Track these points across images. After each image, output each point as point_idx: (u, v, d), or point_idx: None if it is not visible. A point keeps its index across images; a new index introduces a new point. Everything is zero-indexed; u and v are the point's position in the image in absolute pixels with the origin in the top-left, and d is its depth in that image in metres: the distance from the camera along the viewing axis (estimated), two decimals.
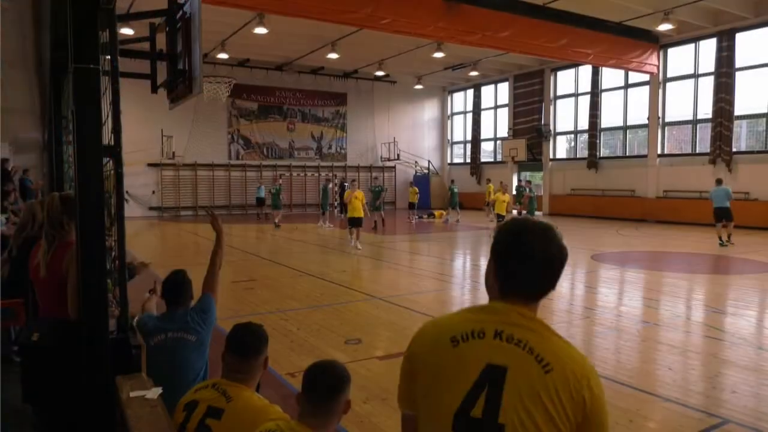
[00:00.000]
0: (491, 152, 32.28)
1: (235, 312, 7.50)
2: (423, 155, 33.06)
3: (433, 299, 8.38)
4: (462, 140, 33.96)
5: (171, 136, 24.94)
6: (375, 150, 32.01)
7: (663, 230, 19.12)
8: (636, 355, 5.77)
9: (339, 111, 30.90)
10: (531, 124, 27.94)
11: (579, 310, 7.78)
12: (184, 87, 4.21)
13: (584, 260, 12.39)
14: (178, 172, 26.54)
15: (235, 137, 28.14)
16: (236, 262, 12.43)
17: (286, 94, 29.18)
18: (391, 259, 12.65)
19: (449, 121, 34.31)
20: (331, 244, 15.76)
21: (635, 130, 24.59)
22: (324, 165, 30.39)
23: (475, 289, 9.23)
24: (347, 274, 10.48)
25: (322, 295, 8.63)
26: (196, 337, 3.22)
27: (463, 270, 11.82)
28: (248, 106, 28.36)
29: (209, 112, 26.62)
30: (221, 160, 27.62)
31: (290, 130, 29.56)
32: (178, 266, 11.53)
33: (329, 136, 30.75)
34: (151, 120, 24.44)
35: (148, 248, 14.78)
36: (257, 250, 14.20)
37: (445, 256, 13.62)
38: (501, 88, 30.47)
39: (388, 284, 9.53)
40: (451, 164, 34.41)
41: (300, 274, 10.58)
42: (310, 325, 6.79)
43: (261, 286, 9.33)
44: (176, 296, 3.40)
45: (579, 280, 10.24)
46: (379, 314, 7.40)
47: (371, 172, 31.73)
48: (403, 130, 32.63)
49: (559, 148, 27.74)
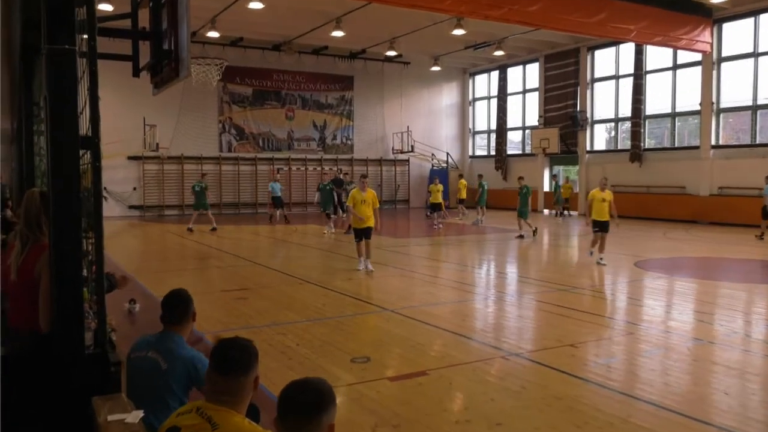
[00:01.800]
0: (519, 143, 32.17)
1: (225, 325, 7.53)
2: (441, 147, 33.05)
3: (452, 312, 8.36)
4: (485, 129, 33.89)
5: (154, 125, 25.13)
6: (385, 141, 32.04)
7: (717, 233, 18.95)
8: (686, 377, 5.73)
9: (344, 96, 30.97)
10: (564, 111, 27.82)
11: (621, 325, 7.73)
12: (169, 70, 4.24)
13: (626, 268, 12.30)
14: (163, 165, 26.74)
15: (227, 126, 28.30)
16: (227, 268, 12.48)
17: (284, 78, 29.30)
18: (404, 265, 12.64)
19: (470, 107, 34.25)
20: (335, 248, 15.78)
21: (685, 118, 24.38)
22: (328, 158, 30.48)
23: (500, 301, 9.20)
24: (354, 283, 10.48)
25: (325, 306, 8.64)
26: (167, 366, 3.24)
27: (486, 279, 11.78)
28: (242, 92, 28.52)
29: (198, 99, 26.79)
30: (211, 153, 27.79)
31: (289, 118, 29.67)
32: (161, 273, 11.55)
33: (333, 124, 30.83)
34: (133, 107, 24.61)
35: (128, 252, 14.90)
36: (251, 255, 14.26)
37: (466, 262, 13.58)
38: (530, 69, 30.38)
39: (400, 294, 9.52)
40: (473, 157, 34.35)
41: (300, 282, 10.60)
42: (311, 340, 6.81)
43: (255, 296, 9.35)
44: (169, 316, 3.44)
45: (620, 291, 10.17)
46: (391, 328, 7.40)
47: (381, 165, 31.76)
48: (418, 119, 32.63)
49: (597, 138, 27.59)
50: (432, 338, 7.02)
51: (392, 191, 31.68)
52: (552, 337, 6.95)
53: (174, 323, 3.42)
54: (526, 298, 9.46)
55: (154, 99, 22.98)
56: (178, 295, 3.51)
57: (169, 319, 3.43)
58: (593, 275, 11.74)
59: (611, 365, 5.98)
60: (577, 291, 9.81)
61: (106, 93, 11.41)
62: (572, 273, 11.99)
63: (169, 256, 14.61)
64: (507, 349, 6.47)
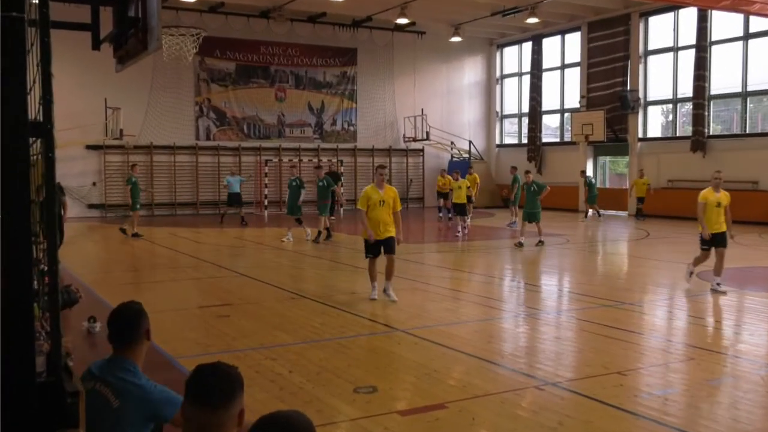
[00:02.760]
0: (556, 129, 32.12)
1: (204, 348, 7.55)
2: (462, 133, 33.06)
3: (475, 332, 8.35)
4: (516, 113, 33.84)
5: (118, 108, 25.28)
6: (396, 127, 32.09)
7: None
8: (759, 411, 5.69)
9: (346, 73, 31.05)
10: (612, 91, 27.74)
11: (680, 348, 7.69)
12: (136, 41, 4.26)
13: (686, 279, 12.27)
14: (128, 156, 26.85)
15: (205, 109, 28.44)
16: (205, 279, 12.51)
17: (274, 51, 29.43)
18: (418, 276, 12.63)
19: (498, 86, 34.24)
20: (336, 256, 15.79)
21: (759, 98, 24.25)
22: (326, 147, 30.57)
23: (533, 319, 9.18)
24: (358, 297, 10.49)
25: (324, 325, 8.65)
26: (119, 404, 3.22)
27: (517, 292, 11.75)
28: (223, 67, 28.66)
29: (170, 76, 26.93)
30: (186, 141, 27.96)
31: (280, 99, 29.79)
32: (127, 285, 11.65)
33: (333, 107, 30.92)
34: (92, 86, 24.74)
35: (87, 260, 14.98)
36: (234, 264, 14.30)
37: (492, 272, 13.54)
38: (570, 40, 30.33)
39: (413, 311, 9.51)
40: (500, 146, 34.32)
41: (292, 296, 10.60)
42: (306, 366, 6.82)
43: (239, 313, 9.37)
44: (118, 336, 3.40)
45: (679, 308, 10.13)
46: (402, 352, 7.40)
47: (390, 156, 31.80)
48: (435, 100, 32.66)
49: (652, 123, 27.49)
50: (451, 364, 7.01)
51: (403, 187, 31.69)
52: (596, 363, 6.92)
53: (123, 346, 3.37)
54: (564, 316, 9.43)
55: (118, 77, 22.94)
56: (125, 310, 3.45)
57: (117, 341, 3.38)
58: (645, 288, 11.68)
59: (668, 397, 5.95)
60: (626, 307, 9.77)
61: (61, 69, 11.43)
62: (620, 285, 11.94)
63: (137, 266, 14.66)
64: (542, 378, 6.45)
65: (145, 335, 3.45)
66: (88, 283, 11.01)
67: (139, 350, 3.43)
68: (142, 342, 3.44)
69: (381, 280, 10.13)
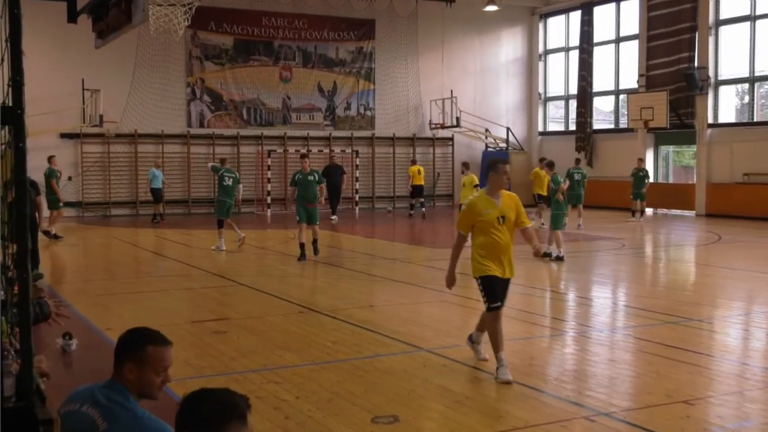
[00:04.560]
0: (610, 113, 31.91)
1: (197, 370, 7.59)
2: (498, 119, 32.97)
3: (514, 353, 8.30)
4: (562, 95, 33.66)
5: (97, 90, 25.53)
6: (420, 111, 32.06)
7: None
8: None
9: (363, 49, 31.08)
10: (676, 68, 27.51)
11: (757, 373, 7.61)
12: (118, 13, 4.31)
13: (767, 293, 12.11)
14: (108, 146, 27.11)
15: (198, 92, 28.61)
16: (199, 289, 12.57)
17: (277, 23, 29.56)
18: (445, 286, 12.60)
19: (541, 63, 34.09)
20: (349, 262, 15.79)
21: None
22: (338, 135, 30.60)
23: (583, 338, 9.13)
24: (375, 311, 10.48)
25: (336, 343, 8.66)
26: (106, 427, 3.26)
27: (564, 306, 11.68)
28: (219, 42, 28.80)
29: (158, 53, 27.11)
30: (176, 129, 28.13)
31: (285, 79, 29.88)
32: (108, 297, 11.76)
33: (347, 88, 30.97)
34: (68, 66, 24.94)
35: (61, 267, 15.11)
36: (233, 272, 14.35)
37: (534, 282, 13.50)
38: (627, 9, 30.13)
39: (440, 328, 9.49)
40: (543, 134, 34.16)
41: (300, 309, 10.60)
42: (316, 391, 6.83)
43: (238, 329, 9.40)
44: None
45: (757, 325, 10.02)
46: (427, 376, 7.39)
47: (414, 146, 31.78)
48: (467, 80, 32.60)
49: (724, 106, 27.22)
50: (485, 390, 6.99)
51: (429, 182, 31.68)
52: (658, 391, 6.88)
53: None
54: (619, 335, 9.37)
55: (98, 54, 23.21)
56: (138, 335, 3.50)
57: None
58: (716, 302, 11.56)
59: (743, 430, 5.89)
60: (693, 324, 9.69)
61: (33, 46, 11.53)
62: (686, 298, 11.83)
63: (119, 274, 14.75)
64: (593, 407, 6.41)
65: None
66: (64, 294, 11.12)
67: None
68: None
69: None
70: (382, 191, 31.09)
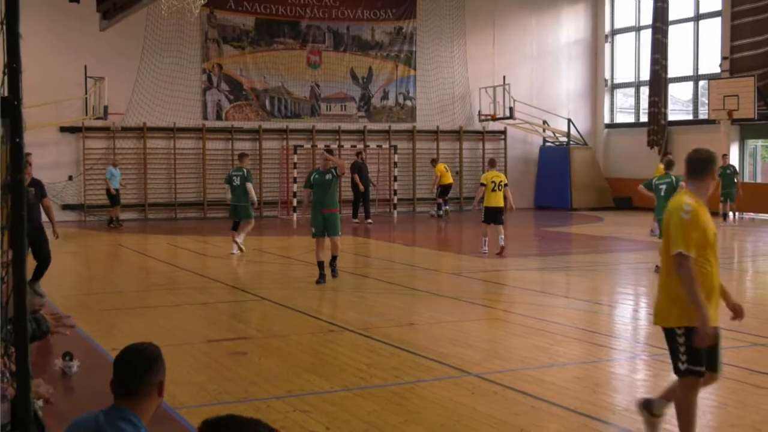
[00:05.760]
0: (687, 103, 31.55)
1: (214, 396, 7.65)
2: (558, 110, 32.83)
3: (577, 379, 8.26)
4: (632, 81, 33.39)
5: (102, 78, 25.80)
6: (468, 101, 32.00)
7: None
8: None
9: (402, 30, 31.08)
10: (765, 50, 27.15)
11: None
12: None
13: None
14: (114, 142, 27.38)
15: (215, 79, 28.83)
16: (215, 304, 12.65)
17: (305, 0, 29.67)
18: (497, 301, 12.57)
19: (608, 45, 33.82)
20: (385, 273, 15.78)
21: None
22: (374, 129, 30.64)
23: (655, 361, 9.03)
24: (416, 330, 10.45)
25: (371, 367, 8.66)
26: None
27: (634, 324, 11.58)
28: (239, 23, 29.01)
29: (170, 36, 27.41)
30: (190, 121, 28.40)
31: (313, 65, 29.99)
32: (113, 312, 11.88)
33: (384, 74, 31.01)
34: (69, 51, 25.28)
35: (62, 279, 15.26)
36: (253, 284, 14.45)
37: (600, 296, 13.36)
38: None
39: (491, 349, 9.47)
40: (610, 126, 33.87)
41: (330, 327, 10.63)
42: (348, 421, 6.83)
43: (260, 350, 9.44)
44: (123, 384, 3.51)
45: None
46: (476, 404, 7.36)
47: (461, 141, 31.71)
48: (521, 65, 32.50)
49: None
50: (543, 421, 6.97)
51: (478, 182, 31.54)
52: (744, 423, 6.82)
53: (131, 395, 3.47)
54: None
55: (102, 38, 23.33)
56: (139, 353, 3.56)
57: (124, 389, 3.48)
58: None
59: None
60: None
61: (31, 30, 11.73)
62: None
63: (125, 286, 14.88)
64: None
65: (158, 389, 3.53)
66: (65, 309, 11.23)
67: (149, 404, 3.52)
68: (154, 395, 3.53)
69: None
70: (425, 192, 30.85)
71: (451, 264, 17.80)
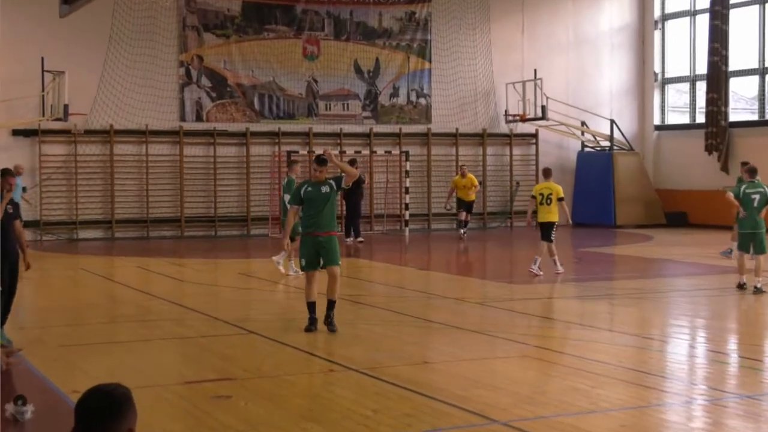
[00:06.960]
0: (752, 100, 31.53)
1: None
2: (598, 109, 32.87)
3: (622, 428, 8.20)
4: (687, 75, 33.36)
5: (62, 72, 25.91)
6: (493, 98, 32.04)
7: None
8: None
9: (414, 16, 31.16)
10: None
11: None
12: None
13: None
14: (76, 147, 27.43)
15: (194, 74, 28.89)
16: (195, 339, 12.63)
17: None
18: (530, 336, 12.55)
19: (657, 33, 33.85)
20: (395, 302, 15.76)
21: None
22: (382, 132, 30.59)
23: (716, 406, 8.98)
24: (432, 370, 10.42)
25: (378, 413, 8.60)
26: None
27: (690, 364, 11.54)
28: (222, 7, 29.09)
29: (140, 22, 27.52)
30: (165, 123, 28.50)
31: (310, 56, 30.04)
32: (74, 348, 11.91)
33: (394, 67, 31.07)
34: (24, 41, 25.41)
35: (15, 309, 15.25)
36: (238, 315, 14.39)
37: (650, 331, 13.33)
38: None
39: (523, 392, 9.39)
40: (661, 128, 33.87)
41: (330, 366, 10.62)
42: None
43: (247, 392, 9.39)
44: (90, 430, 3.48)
45: None
46: None
47: (484, 146, 31.71)
48: (555, 57, 32.59)
49: None
50: None
51: (505, 195, 31.57)
52: None
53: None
54: (767, 403, 9.20)
55: (62, 26, 23.48)
56: (104, 396, 3.54)
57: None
58: None
59: None
60: None
61: None
62: None
63: (89, 318, 14.85)
64: None
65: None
66: (18, 344, 11.21)
67: None
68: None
69: None
70: (441, 206, 30.44)
71: (474, 291, 17.77)
